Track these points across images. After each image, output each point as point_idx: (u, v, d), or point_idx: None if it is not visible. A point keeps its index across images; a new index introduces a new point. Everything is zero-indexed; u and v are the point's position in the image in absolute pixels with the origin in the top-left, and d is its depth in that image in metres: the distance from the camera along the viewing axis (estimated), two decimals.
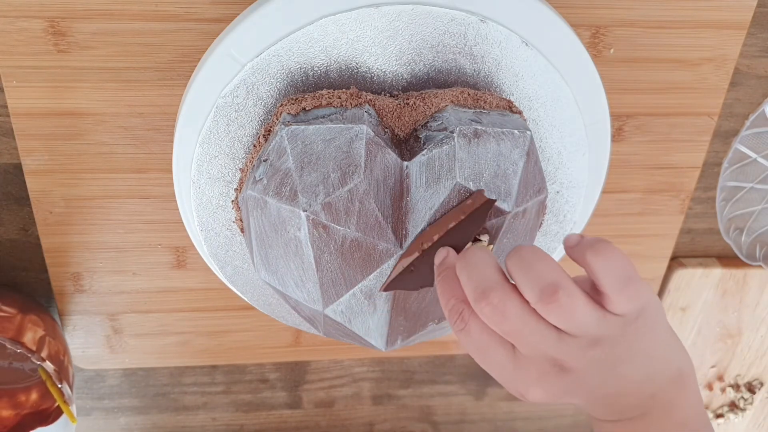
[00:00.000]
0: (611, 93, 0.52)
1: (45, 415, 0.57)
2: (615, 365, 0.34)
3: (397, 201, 0.39)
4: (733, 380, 0.74)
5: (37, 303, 0.58)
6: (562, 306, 0.32)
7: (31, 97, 0.48)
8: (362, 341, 0.43)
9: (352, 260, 0.39)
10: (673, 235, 0.62)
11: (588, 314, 0.33)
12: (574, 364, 0.34)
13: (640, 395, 0.35)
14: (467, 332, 0.35)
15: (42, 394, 0.58)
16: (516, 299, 0.33)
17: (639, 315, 0.34)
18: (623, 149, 0.56)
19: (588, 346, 0.33)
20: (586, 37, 0.50)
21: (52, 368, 0.52)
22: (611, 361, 0.34)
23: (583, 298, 0.33)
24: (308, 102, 0.41)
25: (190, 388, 0.68)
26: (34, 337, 0.53)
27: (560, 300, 0.32)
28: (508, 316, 0.33)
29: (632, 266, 0.33)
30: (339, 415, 0.73)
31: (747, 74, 0.55)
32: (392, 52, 0.41)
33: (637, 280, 0.33)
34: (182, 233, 0.55)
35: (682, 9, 0.50)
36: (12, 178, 0.53)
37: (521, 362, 0.34)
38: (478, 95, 0.42)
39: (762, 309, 0.69)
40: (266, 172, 0.40)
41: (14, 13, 0.45)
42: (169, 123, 0.50)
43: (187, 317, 0.61)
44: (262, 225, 0.40)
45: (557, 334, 0.33)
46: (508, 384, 0.36)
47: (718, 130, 0.58)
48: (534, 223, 0.44)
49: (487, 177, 0.39)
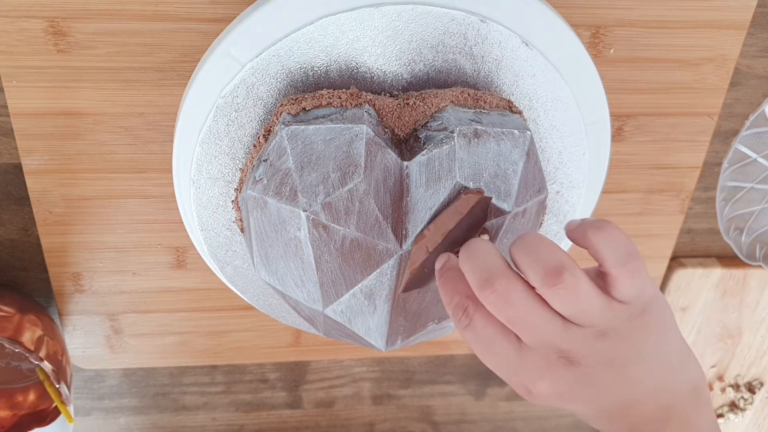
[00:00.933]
0: (611, 93, 0.52)
1: (43, 416, 0.56)
2: (625, 365, 0.33)
3: (397, 201, 0.39)
4: (733, 380, 0.74)
5: (36, 303, 0.58)
6: (567, 287, 0.32)
7: (31, 97, 0.48)
8: (362, 341, 0.43)
9: (352, 260, 0.39)
10: (673, 235, 0.62)
11: (593, 298, 0.32)
12: (581, 357, 0.32)
13: (654, 405, 0.34)
14: (472, 328, 0.34)
15: (40, 395, 0.58)
16: (521, 285, 0.33)
17: (645, 308, 0.33)
18: (623, 149, 0.56)
19: (594, 337, 0.32)
20: (586, 37, 0.50)
21: (50, 368, 0.52)
22: (620, 360, 0.33)
23: (588, 281, 0.32)
24: (308, 102, 0.41)
25: (190, 388, 0.68)
26: (32, 337, 0.53)
27: (565, 281, 0.32)
28: (513, 302, 0.32)
29: (634, 245, 0.33)
30: (339, 415, 0.73)
31: (747, 74, 0.55)
32: (392, 52, 0.41)
33: (639, 258, 0.33)
34: (182, 233, 0.55)
35: (682, 9, 0.50)
36: (12, 178, 0.53)
37: (527, 354, 0.33)
38: (478, 95, 0.42)
39: (762, 309, 0.69)
40: (266, 172, 0.40)
41: (14, 13, 0.45)
42: (169, 123, 0.50)
43: (187, 317, 0.61)
44: (262, 225, 0.40)
45: (563, 322, 0.33)
46: (513, 379, 0.34)
47: (718, 130, 0.58)
48: (534, 223, 0.44)
49: (487, 177, 0.39)
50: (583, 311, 0.32)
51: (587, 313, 0.33)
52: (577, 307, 0.32)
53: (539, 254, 0.33)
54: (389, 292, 0.41)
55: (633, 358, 0.33)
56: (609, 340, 0.33)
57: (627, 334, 0.33)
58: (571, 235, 0.34)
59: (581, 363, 0.33)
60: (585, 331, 0.33)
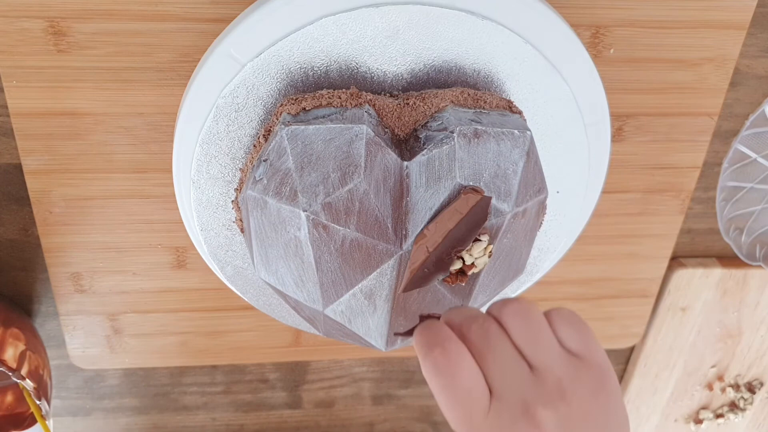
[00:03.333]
0: (611, 93, 0.52)
1: (20, 419, 0.56)
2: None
3: (397, 201, 0.39)
4: (733, 380, 0.74)
5: (19, 313, 0.57)
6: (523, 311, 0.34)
7: (31, 97, 0.48)
8: (362, 341, 0.43)
9: (352, 260, 0.39)
10: (673, 235, 0.62)
11: (550, 337, 0.34)
12: (543, 418, 0.32)
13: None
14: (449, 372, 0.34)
15: (17, 398, 0.57)
16: (496, 325, 0.34)
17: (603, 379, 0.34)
18: (623, 149, 0.56)
19: (557, 393, 0.33)
20: (586, 37, 0.50)
21: (32, 386, 0.52)
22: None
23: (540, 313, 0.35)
24: (308, 102, 0.41)
25: (190, 388, 0.68)
26: (15, 354, 0.53)
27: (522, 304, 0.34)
28: (489, 335, 0.34)
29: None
30: (339, 415, 0.73)
31: (747, 74, 0.55)
32: (392, 52, 0.41)
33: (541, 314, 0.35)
34: (182, 233, 0.55)
35: (682, 9, 0.50)
36: (12, 178, 0.53)
37: (495, 408, 0.33)
38: (478, 95, 0.42)
39: (762, 309, 0.69)
40: (266, 172, 0.40)
41: (14, 13, 0.45)
42: (169, 123, 0.50)
43: (187, 317, 0.61)
44: (262, 225, 0.40)
45: (529, 370, 0.33)
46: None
47: (718, 130, 0.58)
48: (534, 223, 0.44)
49: (487, 177, 0.39)
50: (543, 347, 0.33)
51: (546, 349, 0.33)
52: (537, 341, 0.34)
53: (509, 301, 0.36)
54: (389, 292, 0.41)
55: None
56: (568, 403, 0.33)
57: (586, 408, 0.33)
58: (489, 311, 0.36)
59: (542, 426, 0.32)
60: (548, 384, 0.33)
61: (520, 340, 0.34)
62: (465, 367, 0.34)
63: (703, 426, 0.76)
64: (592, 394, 0.34)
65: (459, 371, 0.34)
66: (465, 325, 0.35)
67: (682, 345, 0.70)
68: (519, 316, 0.35)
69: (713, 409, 0.76)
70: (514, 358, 0.34)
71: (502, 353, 0.34)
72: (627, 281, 0.64)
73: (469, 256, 0.40)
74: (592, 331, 0.35)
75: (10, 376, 0.52)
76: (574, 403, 0.33)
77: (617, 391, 0.35)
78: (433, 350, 0.34)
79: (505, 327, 0.35)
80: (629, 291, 0.65)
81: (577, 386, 0.33)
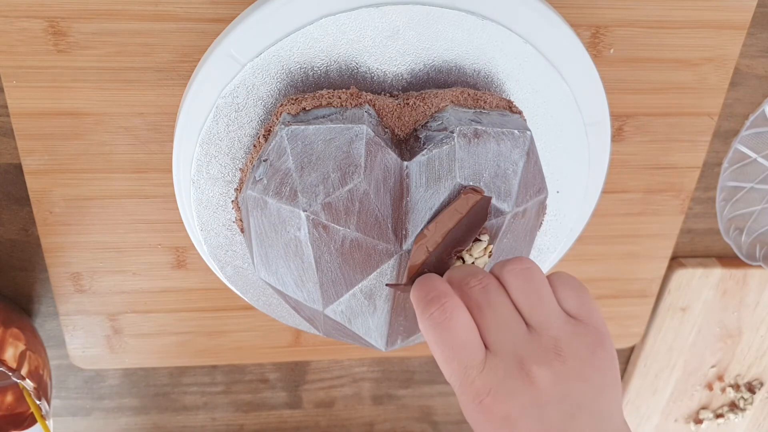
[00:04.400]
0: (611, 93, 0.52)
1: (20, 419, 0.56)
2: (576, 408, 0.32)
3: (397, 201, 0.39)
4: (733, 380, 0.74)
5: (19, 313, 0.57)
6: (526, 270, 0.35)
7: (31, 97, 0.48)
8: (362, 341, 0.43)
9: (352, 260, 0.39)
10: (673, 235, 0.62)
11: (550, 298, 0.34)
12: (538, 375, 0.32)
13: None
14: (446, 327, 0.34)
15: (17, 397, 0.57)
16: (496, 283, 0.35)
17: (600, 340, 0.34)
18: (623, 149, 0.56)
19: (553, 352, 0.33)
20: (586, 37, 0.50)
21: (32, 386, 0.52)
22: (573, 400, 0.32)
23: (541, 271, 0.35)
24: (308, 102, 0.41)
25: (190, 388, 0.68)
26: (15, 354, 0.53)
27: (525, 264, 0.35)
28: (489, 291, 0.34)
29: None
30: (339, 415, 0.73)
31: (747, 74, 0.55)
32: (392, 52, 0.41)
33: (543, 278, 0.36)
34: (182, 233, 0.55)
35: (682, 9, 0.50)
36: (12, 178, 0.53)
37: (490, 363, 0.33)
38: (478, 95, 0.42)
39: (762, 309, 0.69)
40: (266, 172, 0.40)
41: (14, 13, 0.45)
42: (169, 123, 0.50)
43: (187, 317, 0.61)
44: (262, 225, 0.40)
45: (527, 328, 0.34)
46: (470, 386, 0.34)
47: (718, 130, 0.58)
48: (534, 223, 0.44)
49: (487, 177, 0.39)
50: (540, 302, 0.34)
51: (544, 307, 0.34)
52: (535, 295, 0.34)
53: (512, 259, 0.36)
54: (389, 292, 0.41)
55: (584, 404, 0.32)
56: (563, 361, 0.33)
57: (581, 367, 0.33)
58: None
59: (537, 383, 0.32)
60: (544, 341, 0.33)
61: (519, 299, 0.34)
62: (460, 321, 0.34)
63: (703, 426, 0.76)
64: (588, 354, 0.33)
65: (454, 325, 0.34)
66: (465, 281, 0.35)
67: (682, 345, 0.70)
68: (520, 276, 0.35)
69: (713, 409, 0.76)
70: (511, 315, 0.34)
71: (499, 310, 0.34)
72: (627, 281, 0.64)
73: (469, 256, 0.40)
74: (592, 296, 0.36)
75: (10, 376, 0.52)
76: (569, 362, 0.33)
77: (613, 355, 0.35)
78: (430, 305, 0.34)
79: (506, 285, 0.35)
80: (629, 291, 0.65)
81: (573, 347, 0.33)
